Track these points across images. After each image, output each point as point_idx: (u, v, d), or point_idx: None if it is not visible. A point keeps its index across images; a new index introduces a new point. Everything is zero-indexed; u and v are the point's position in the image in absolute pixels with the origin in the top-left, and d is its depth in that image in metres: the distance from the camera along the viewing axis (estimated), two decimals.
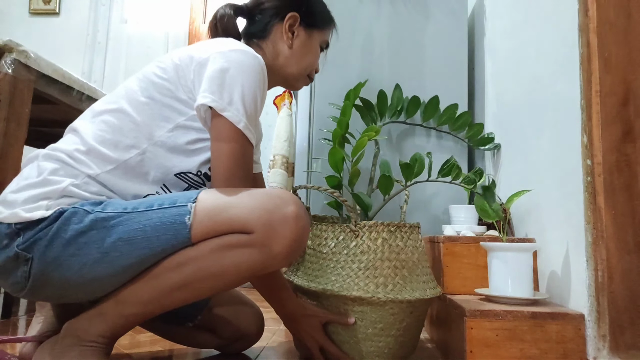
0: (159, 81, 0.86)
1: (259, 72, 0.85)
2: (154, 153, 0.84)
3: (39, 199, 0.76)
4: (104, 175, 0.81)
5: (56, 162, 0.80)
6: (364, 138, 1.08)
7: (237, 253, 0.75)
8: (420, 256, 1.02)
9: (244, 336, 1.06)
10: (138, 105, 0.85)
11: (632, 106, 0.89)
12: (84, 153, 0.81)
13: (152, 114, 0.84)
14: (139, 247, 0.75)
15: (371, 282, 0.94)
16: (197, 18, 3.24)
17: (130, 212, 0.76)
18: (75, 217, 0.75)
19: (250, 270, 0.77)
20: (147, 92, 0.85)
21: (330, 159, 1.12)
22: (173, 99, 0.85)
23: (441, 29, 1.64)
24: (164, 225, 0.75)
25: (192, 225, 0.75)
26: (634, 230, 0.87)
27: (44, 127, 1.82)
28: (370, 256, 0.97)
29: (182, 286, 0.77)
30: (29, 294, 0.79)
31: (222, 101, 0.81)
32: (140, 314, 0.79)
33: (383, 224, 0.99)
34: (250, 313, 1.07)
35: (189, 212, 0.75)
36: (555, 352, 0.90)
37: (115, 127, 0.84)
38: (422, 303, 0.98)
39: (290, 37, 1.02)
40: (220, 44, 0.88)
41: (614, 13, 0.91)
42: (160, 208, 0.76)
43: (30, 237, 0.74)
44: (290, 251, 0.76)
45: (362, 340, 0.96)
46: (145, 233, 0.75)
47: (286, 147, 2.25)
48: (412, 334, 1.01)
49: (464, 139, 1.57)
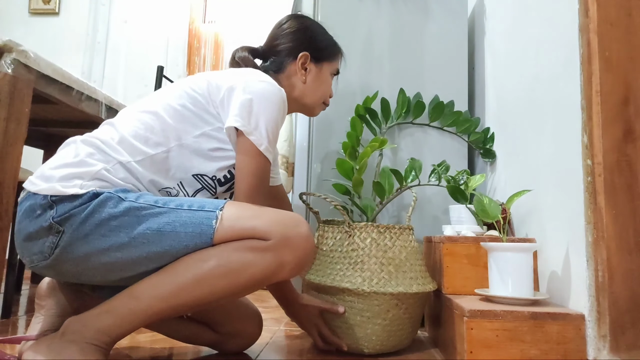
0: (193, 94, 0.97)
1: (281, 103, 0.98)
2: (179, 153, 0.94)
3: (73, 177, 0.83)
4: (133, 164, 0.89)
5: (92, 147, 0.88)
6: (368, 149, 1.17)
7: (254, 255, 0.83)
8: (408, 255, 1.13)
9: (241, 332, 1.07)
10: (171, 111, 0.95)
11: (633, 106, 0.89)
12: (118, 142, 0.90)
13: (182, 119, 0.95)
14: (166, 238, 0.82)
15: (359, 276, 1.08)
16: (197, 18, 3.24)
17: (161, 207, 0.84)
18: (111, 201, 0.82)
19: (263, 273, 0.84)
20: (181, 101, 0.96)
21: (339, 169, 1.28)
22: (203, 111, 0.96)
23: (441, 29, 1.64)
24: (191, 224, 0.83)
25: (217, 229, 0.83)
26: (634, 230, 0.87)
27: (44, 127, 1.82)
28: (359, 253, 1.11)
29: (199, 281, 0.81)
30: (47, 266, 0.84)
31: (250, 126, 0.93)
32: (150, 312, 0.81)
33: (373, 225, 1.13)
34: (247, 310, 1.09)
35: (216, 217, 0.84)
36: (555, 352, 0.90)
37: (149, 125, 0.93)
38: (407, 297, 1.08)
39: (303, 74, 1.15)
40: (250, 73, 1.01)
41: (614, 12, 0.91)
42: (190, 209, 0.84)
43: (65, 212, 0.81)
44: (299, 262, 0.86)
45: (352, 327, 1.09)
46: (174, 227, 0.82)
47: (286, 147, 2.25)
48: (401, 325, 1.10)
49: (467, 141, 1.57)
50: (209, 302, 0.85)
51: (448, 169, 1.31)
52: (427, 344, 1.25)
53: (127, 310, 0.81)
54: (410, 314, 1.11)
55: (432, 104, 1.56)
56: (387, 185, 1.27)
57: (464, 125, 1.55)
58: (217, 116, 0.97)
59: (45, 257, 0.83)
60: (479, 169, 1.65)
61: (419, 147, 1.58)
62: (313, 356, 1.09)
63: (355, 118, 1.35)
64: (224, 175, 1.00)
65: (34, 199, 0.83)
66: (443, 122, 1.56)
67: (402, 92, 1.53)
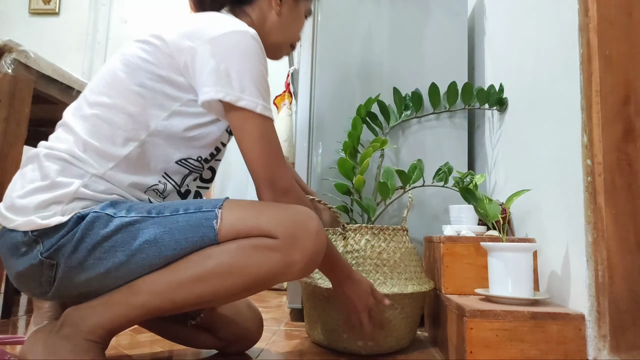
0: (149, 66, 0.83)
1: (258, 48, 0.84)
2: (153, 143, 0.84)
3: (50, 204, 0.76)
4: (109, 173, 0.80)
5: (59, 163, 0.79)
6: (370, 149, 1.16)
7: (260, 254, 0.77)
8: (403, 256, 1.13)
9: (243, 338, 1.06)
10: (129, 95, 0.82)
11: (633, 105, 0.89)
12: (84, 151, 0.80)
13: (145, 103, 0.82)
14: (166, 248, 0.76)
15: None
16: None
17: (155, 217, 0.78)
18: (99, 221, 0.76)
19: (269, 274, 0.78)
20: (138, 80, 0.83)
21: (340, 169, 1.27)
22: (166, 84, 0.83)
23: (441, 29, 1.64)
24: (191, 229, 0.77)
25: (219, 229, 0.77)
26: (635, 229, 0.86)
27: (44, 128, 1.82)
28: (354, 255, 1.11)
29: (200, 279, 0.77)
30: (51, 297, 0.80)
31: (235, 92, 0.81)
32: (148, 306, 0.77)
33: (367, 227, 1.14)
34: (250, 314, 1.08)
35: (216, 216, 0.78)
36: (555, 352, 0.90)
37: (109, 120, 0.81)
38: (402, 297, 1.08)
39: (278, 4, 0.99)
40: (209, 25, 0.84)
41: (614, 12, 0.91)
42: (186, 213, 0.78)
43: (53, 244, 0.75)
44: (309, 261, 0.79)
45: (349, 330, 1.07)
46: (172, 236, 0.77)
47: (286, 147, 2.25)
48: (397, 326, 1.10)
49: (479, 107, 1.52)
50: (211, 301, 0.81)
51: (451, 170, 1.31)
52: (426, 343, 1.25)
53: (124, 304, 0.77)
54: (406, 314, 1.11)
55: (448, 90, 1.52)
56: (391, 185, 1.27)
57: (466, 93, 1.50)
58: (184, 85, 0.84)
59: (46, 291, 0.79)
60: (479, 169, 1.65)
61: (420, 148, 1.57)
62: (313, 356, 1.09)
63: (356, 118, 1.35)
64: (211, 153, 0.92)
65: (14, 236, 0.76)
66: (448, 101, 1.52)
67: (396, 91, 1.52)
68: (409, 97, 1.54)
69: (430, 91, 1.52)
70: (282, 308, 1.79)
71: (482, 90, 1.47)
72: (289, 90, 2.41)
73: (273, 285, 0.84)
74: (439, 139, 1.58)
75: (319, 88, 1.59)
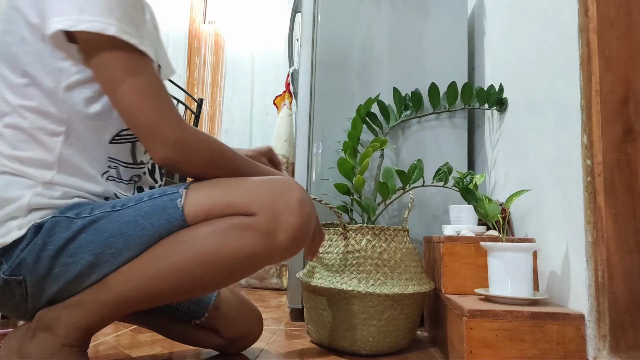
0: (21, 48, 0.71)
1: None
2: (74, 133, 0.74)
3: (5, 221, 0.71)
4: (57, 178, 0.74)
5: (1, 178, 0.72)
6: (369, 149, 1.16)
7: (238, 235, 0.70)
8: (403, 256, 1.13)
9: (245, 337, 1.06)
10: (22, 92, 0.72)
11: (633, 105, 0.89)
12: (20, 164, 0.73)
13: (40, 94, 0.72)
14: (133, 237, 0.71)
15: (354, 278, 1.08)
16: (197, 18, 3.24)
17: (119, 209, 0.73)
18: (59, 226, 0.71)
19: (250, 257, 0.71)
20: (19, 69, 0.72)
21: (340, 169, 1.27)
22: (47, 61, 0.70)
23: (441, 29, 1.64)
24: (155, 213, 0.71)
25: (184, 207, 0.70)
26: (634, 229, 0.86)
27: None
28: (354, 255, 1.11)
29: (173, 268, 0.71)
30: (33, 312, 0.75)
31: (71, 14, 0.65)
32: (121, 301, 0.72)
33: (368, 227, 1.13)
34: (251, 314, 1.08)
35: (181, 195, 0.71)
36: (555, 352, 0.90)
37: (20, 126, 0.73)
38: (403, 298, 1.09)
39: None
40: None
41: (614, 12, 0.91)
42: (151, 199, 0.73)
43: (14, 260, 0.70)
44: (295, 239, 0.71)
45: (349, 329, 1.09)
46: (136, 224, 0.71)
47: (286, 147, 2.25)
48: (397, 326, 1.10)
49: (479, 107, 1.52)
50: (191, 291, 0.75)
51: (451, 170, 1.31)
52: (426, 343, 1.25)
53: (96, 302, 0.72)
54: (406, 314, 1.11)
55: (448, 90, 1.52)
56: (391, 185, 1.27)
57: (465, 93, 1.50)
58: (60, 45, 0.70)
59: (25, 310, 0.74)
60: (478, 169, 1.65)
61: (420, 148, 1.57)
62: (313, 356, 1.09)
63: (356, 118, 1.35)
64: None
65: None
66: (447, 102, 1.52)
67: (396, 91, 1.52)
68: (408, 97, 1.54)
69: (430, 91, 1.52)
70: (282, 308, 1.79)
71: (482, 90, 1.47)
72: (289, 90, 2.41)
73: (258, 269, 0.76)
74: (438, 139, 1.58)
75: (319, 88, 1.59)
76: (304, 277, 1.19)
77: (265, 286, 2.42)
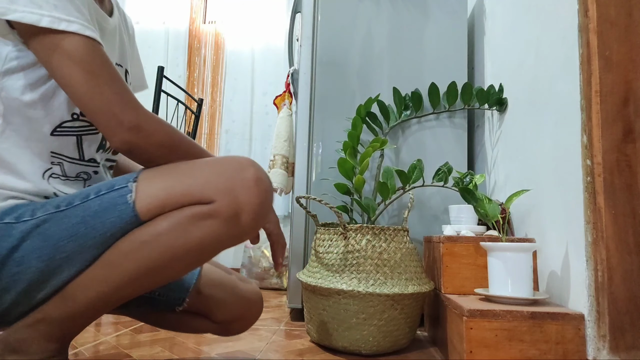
0: None
1: None
2: (10, 126, 0.70)
3: None
4: None
5: None
6: (369, 149, 1.17)
7: (200, 226, 0.67)
8: (403, 256, 1.14)
9: (239, 319, 0.98)
10: None
11: (633, 106, 0.89)
12: None
13: None
14: (85, 239, 0.66)
15: (354, 278, 1.09)
16: (198, 18, 3.24)
17: (64, 210, 0.68)
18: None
19: (215, 244, 0.69)
20: None
21: (340, 169, 1.27)
22: None
23: (441, 29, 1.64)
24: (105, 211, 0.67)
25: (136, 202, 0.67)
26: (634, 230, 0.87)
27: None
28: (354, 255, 1.11)
29: (144, 270, 0.67)
30: (5, 325, 0.71)
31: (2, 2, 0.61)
32: (93, 308, 0.69)
33: (368, 227, 1.13)
34: (244, 294, 0.98)
35: (130, 190, 0.67)
36: (554, 352, 0.90)
37: None
38: (402, 298, 1.09)
39: None
40: None
41: (614, 12, 0.91)
42: (98, 196, 0.68)
43: None
44: (256, 217, 0.68)
45: (349, 329, 1.09)
46: (86, 224, 0.66)
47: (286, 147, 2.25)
48: (397, 326, 1.11)
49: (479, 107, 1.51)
50: (160, 282, 0.71)
51: (451, 170, 1.32)
52: (426, 343, 1.25)
53: (64, 315, 0.68)
54: (406, 314, 1.12)
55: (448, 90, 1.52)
56: (391, 185, 1.27)
57: (466, 94, 1.50)
58: None
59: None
60: (478, 169, 1.65)
61: (419, 148, 1.58)
62: (313, 356, 1.09)
63: (356, 118, 1.35)
64: None
65: None
66: (447, 102, 1.51)
67: (396, 91, 1.52)
68: (408, 97, 1.54)
69: (430, 91, 1.52)
70: (282, 308, 1.79)
71: (481, 90, 1.47)
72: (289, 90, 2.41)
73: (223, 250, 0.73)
74: (438, 139, 1.58)
75: (319, 88, 1.59)
76: (304, 277, 1.19)
77: (265, 286, 2.42)
